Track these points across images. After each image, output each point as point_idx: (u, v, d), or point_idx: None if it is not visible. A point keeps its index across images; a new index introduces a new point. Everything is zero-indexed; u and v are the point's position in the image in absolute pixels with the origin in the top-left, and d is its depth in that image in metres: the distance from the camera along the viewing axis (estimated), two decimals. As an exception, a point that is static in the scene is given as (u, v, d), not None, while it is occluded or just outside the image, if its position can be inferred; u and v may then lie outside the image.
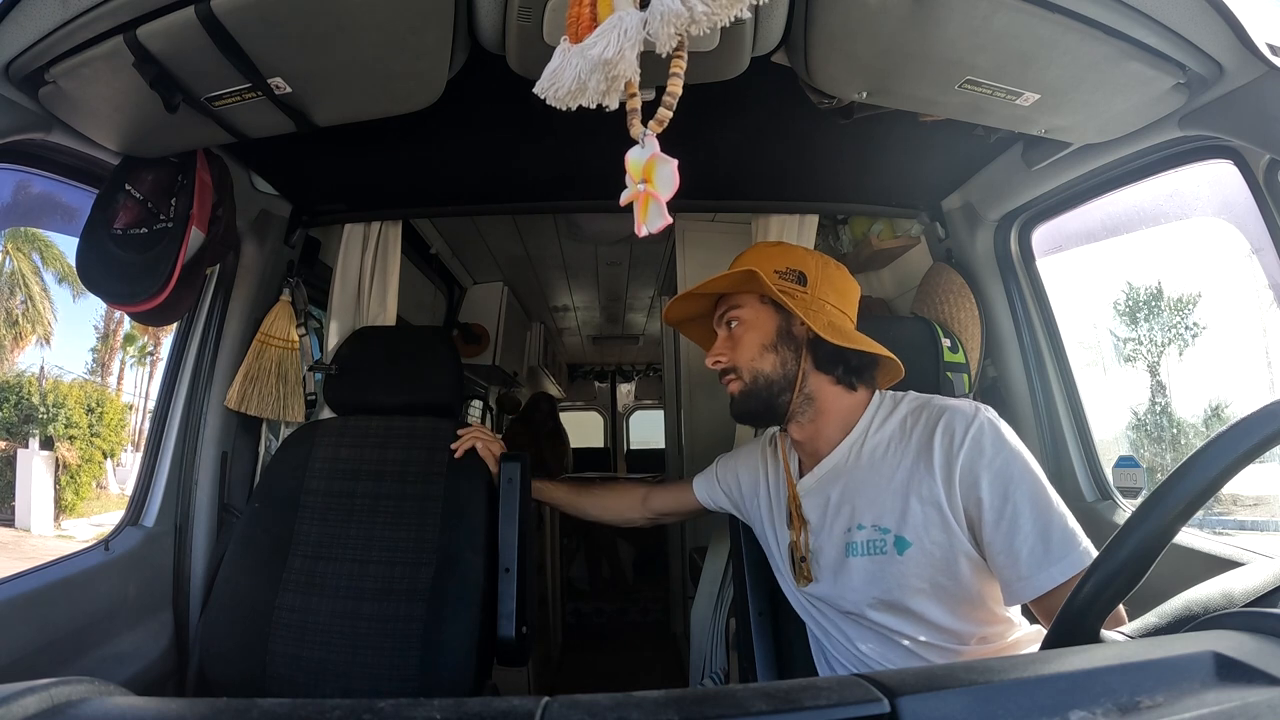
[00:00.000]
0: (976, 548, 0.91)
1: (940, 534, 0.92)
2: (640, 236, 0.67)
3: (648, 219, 0.65)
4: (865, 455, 1.01)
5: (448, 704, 0.35)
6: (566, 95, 0.67)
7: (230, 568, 1.29)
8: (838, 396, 1.04)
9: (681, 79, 0.65)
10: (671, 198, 0.65)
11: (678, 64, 0.65)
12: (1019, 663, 0.41)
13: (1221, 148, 1.03)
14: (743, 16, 0.63)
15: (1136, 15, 0.84)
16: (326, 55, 0.88)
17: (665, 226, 0.65)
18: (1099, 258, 1.51)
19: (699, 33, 0.63)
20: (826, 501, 1.03)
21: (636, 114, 0.67)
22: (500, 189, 1.61)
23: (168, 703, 0.38)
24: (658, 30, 0.63)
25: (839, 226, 2.04)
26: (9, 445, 4.39)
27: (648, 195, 0.65)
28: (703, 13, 0.61)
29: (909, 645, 0.97)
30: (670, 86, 0.65)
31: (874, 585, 0.96)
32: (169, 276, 1.11)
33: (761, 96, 1.11)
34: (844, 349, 1.00)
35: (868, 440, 1.01)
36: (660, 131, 0.65)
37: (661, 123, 0.65)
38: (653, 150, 0.65)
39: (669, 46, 0.64)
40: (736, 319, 1.06)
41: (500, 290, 3.07)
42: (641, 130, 0.66)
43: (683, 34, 0.63)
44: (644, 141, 0.65)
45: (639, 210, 0.66)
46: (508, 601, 1.25)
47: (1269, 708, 0.34)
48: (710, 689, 0.39)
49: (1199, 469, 0.50)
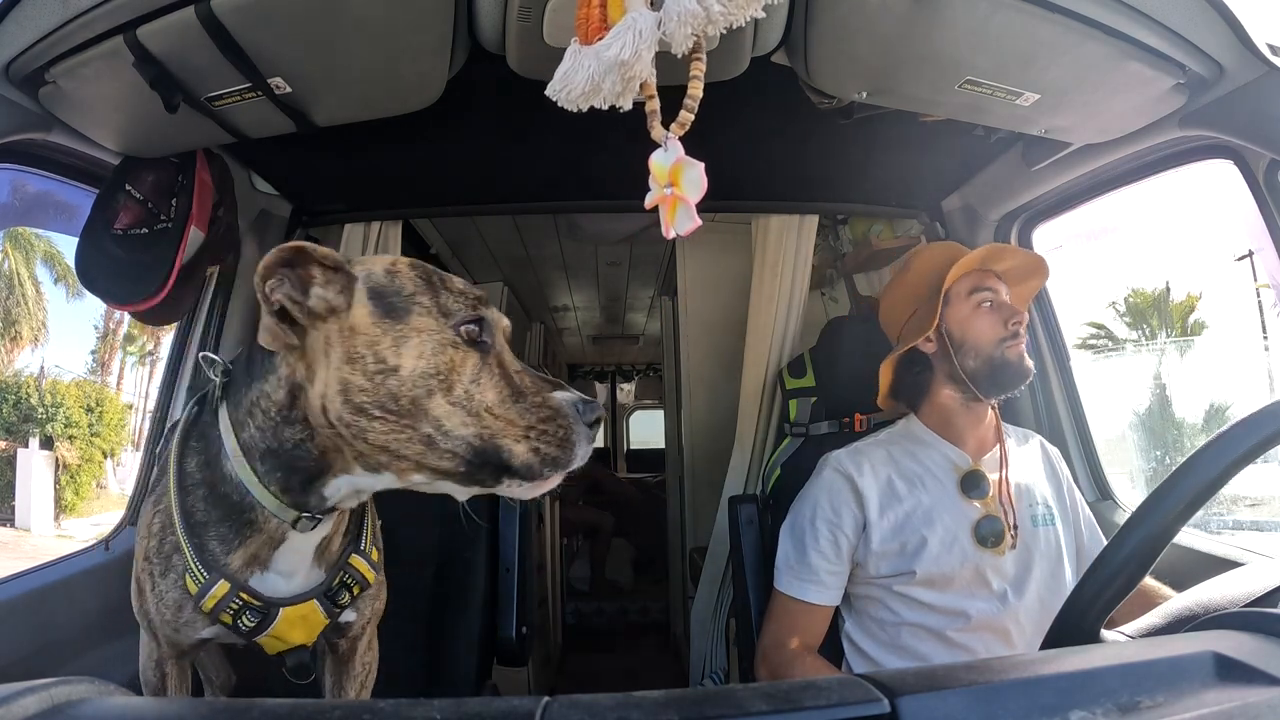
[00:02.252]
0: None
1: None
2: (669, 239, 0.67)
3: (676, 222, 0.65)
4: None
5: (448, 704, 0.35)
6: (579, 96, 0.66)
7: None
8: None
9: (702, 81, 0.65)
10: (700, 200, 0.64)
11: (697, 66, 0.65)
12: (1019, 663, 0.41)
13: (1221, 148, 1.03)
14: (758, 15, 0.63)
15: (1136, 15, 0.84)
16: (326, 55, 0.88)
17: (695, 229, 0.65)
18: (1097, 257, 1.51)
19: (715, 33, 0.63)
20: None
21: (656, 116, 0.66)
22: (500, 189, 1.61)
23: (168, 703, 0.38)
24: (674, 31, 0.62)
25: (839, 226, 2.04)
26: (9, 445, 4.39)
27: (675, 199, 0.64)
28: (719, 13, 0.60)
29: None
30: (691, 89, 0.64)
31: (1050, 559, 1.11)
32: (168, 276, 1.11)
33: (761, 96, 1.11)
34: None
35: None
36: (681, 134, 0.65)
37: (684, 125, 0.64)
38: (677, 154, 0.64)
39: (685, 47, 0.63)
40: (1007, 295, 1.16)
41: (500, 290, 3.07)
42: (663, 134, 0.65)
43: (699, 34, 0.63)
44: (667, 145, 0.65)
45: (666, 213, 0.65)
46: (508, 601, 1.25)
47: (1269, 708, 0.34)
48: (710, 689, 0.39)
49: (1199, 469, 0.50)
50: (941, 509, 1.11)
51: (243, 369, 0.70)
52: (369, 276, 0.65)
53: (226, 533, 0.71)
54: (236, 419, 0.69)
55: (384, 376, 0.61)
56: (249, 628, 0.74)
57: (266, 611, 0.74)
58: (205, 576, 0.71)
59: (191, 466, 0.73)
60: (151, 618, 0.76)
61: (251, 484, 0.68)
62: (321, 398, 0.64)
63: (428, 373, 0.61)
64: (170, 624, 0.75)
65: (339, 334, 0.63)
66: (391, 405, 0.61)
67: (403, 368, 0.61)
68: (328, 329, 0.63)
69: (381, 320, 0.63)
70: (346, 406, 0.62)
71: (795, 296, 1.70)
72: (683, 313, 2.27)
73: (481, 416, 0.62)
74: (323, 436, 0.66)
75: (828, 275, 2.20)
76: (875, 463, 1.16)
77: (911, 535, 1.10)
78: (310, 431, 0.66)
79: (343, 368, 0.62)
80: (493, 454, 0.62)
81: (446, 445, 0.62)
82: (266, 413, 0.67)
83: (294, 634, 0.78)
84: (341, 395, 0.62)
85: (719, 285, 2.19)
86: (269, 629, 0.75)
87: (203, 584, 0.71)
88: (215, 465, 0.70)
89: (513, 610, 1.25)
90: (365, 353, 0.62)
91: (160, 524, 0.74)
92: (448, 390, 0.62)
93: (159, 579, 0.74)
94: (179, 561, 0.72)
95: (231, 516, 0.71)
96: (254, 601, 0.73)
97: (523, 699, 0.35)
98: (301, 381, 0.65)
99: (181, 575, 0.72)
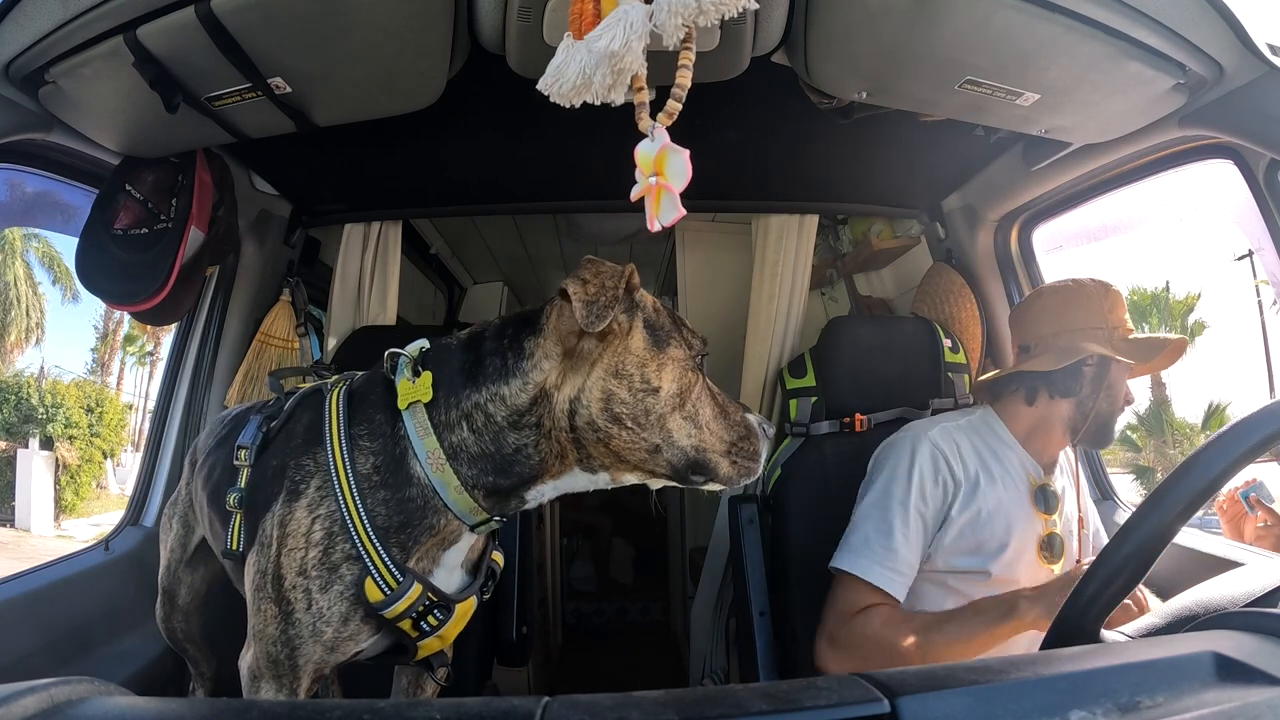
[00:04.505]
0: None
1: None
2: (653, 231, 0.66)
3: (660, 212, 0.64)
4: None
5: (448, 704, 0.35)
6: (571, 91, 0.66)
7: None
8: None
9: (690, 71, 0.64)
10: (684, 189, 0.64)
11: (686, 56, 0.64)
12: (1019, 663, 0.41)
13: (1221, 148, 1.03)
14: (750, 6, 0.63)
15: (1136, 15, 0.83)
16: (327, 55, 0.88)
17: (679, 219, 0.64)
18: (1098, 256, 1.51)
19: (707, 24, 0.63)
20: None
21: (645, 108, 0.66)
22: (500, 189, 1.61)
23: (168, 703, 0.38)
24: (664, 22, 0.62)
25: (839, 226, 2.04)
26: (9, 445, 4.39)
27: (660, 188, 0.63)
28: (711, 3, 0.60)
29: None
30: (679, 79, 0.64)
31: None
32: (168, 276, 1.11)
33: (761, 96, 1.11)
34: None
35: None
36: (669, 125, 0.64)
37: (671, 115, 0.64)
38: (663, 142, 0.64)
39: (676, 38, 0.63)
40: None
41: (500, 290, 3.06)
42: (650, 124, 0.64)
43: (690, 25, 0.63)
44: (653, 135, 0.64)
45: (651, 204, 0.64)
46: (508, 601, 1.25)
47: (1269, 708, 0.34)
48: (710, 689, 0.39)
49: (1199, 469, 0.50)
50: (1017, 515, 1.09)
51: (459, 371, 0.73)
52: (644, 307, 0.74)
53: (406, 538, 0.72)
54: (445, 421, 0.72)
55: (645, 394, 0.71)
56: (433, 627, 0.75)
57: (450, 608, 0.76)
58: (399, 581, 0.71)
59: (366, 468, 0.72)
60: (300, 642, 0.71)
61: (448, 487, 0.71)
62: (571, 402, 0.70)
63: (675, 394, 0.72)
64: (328, 643, 0.72)
65: (611, 351, 0.71)
66: (643, 419, 0.71)
67: (663, 389, 0.71)
68: (607, 344, 0.71)
69: (650, 347, 0.72)
70: (604, 415, 0.70)
71: (795, 296, 1.70)
72: (683, 313, 2.25)
73: (702, 430, 0.73)
74: (552, 441, 0.72)
75: (828, 275, 2.19)
76: (965, 452, 1.12)
77: (991, 535, 1.08)
78: (537, 438, 0.71)
79: (609, 380, 0.70)
80: (702, 464, 0.73)
81: (668, 454, 0.72)
82: (492, 416, 0.71)
83: (453, 631, 0.80)
84: (602, 404, 0.70)
85: (719, 285, 2.18)
86: (445, 626, 0.77)
87: (395, 590, 0.70)
88: (400, 467, 0.72)
89: (513, 610, 1.25)
90: (634, 372, 0.71)
91: (324, 531, 0.70)
92: (682, 406, 0.72)
93: (318, 595, 0.70)
94: (352, 571, 0.70)
95: (414, 520, 0.72)
96: (439, 600, 0.75)
97: (523, 699, 0.35)
98: (550, 390, 0.71)
99: (352, 586, 0.70)
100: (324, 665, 0.74)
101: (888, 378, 1.45)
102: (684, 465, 0.73)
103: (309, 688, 0.75)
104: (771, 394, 1.70)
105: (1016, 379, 1.17)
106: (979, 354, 1.56)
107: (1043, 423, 1.15)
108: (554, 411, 0.71)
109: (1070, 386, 1.13)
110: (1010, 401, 1.18)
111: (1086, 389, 1.12)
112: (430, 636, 0.76)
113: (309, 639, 0.71)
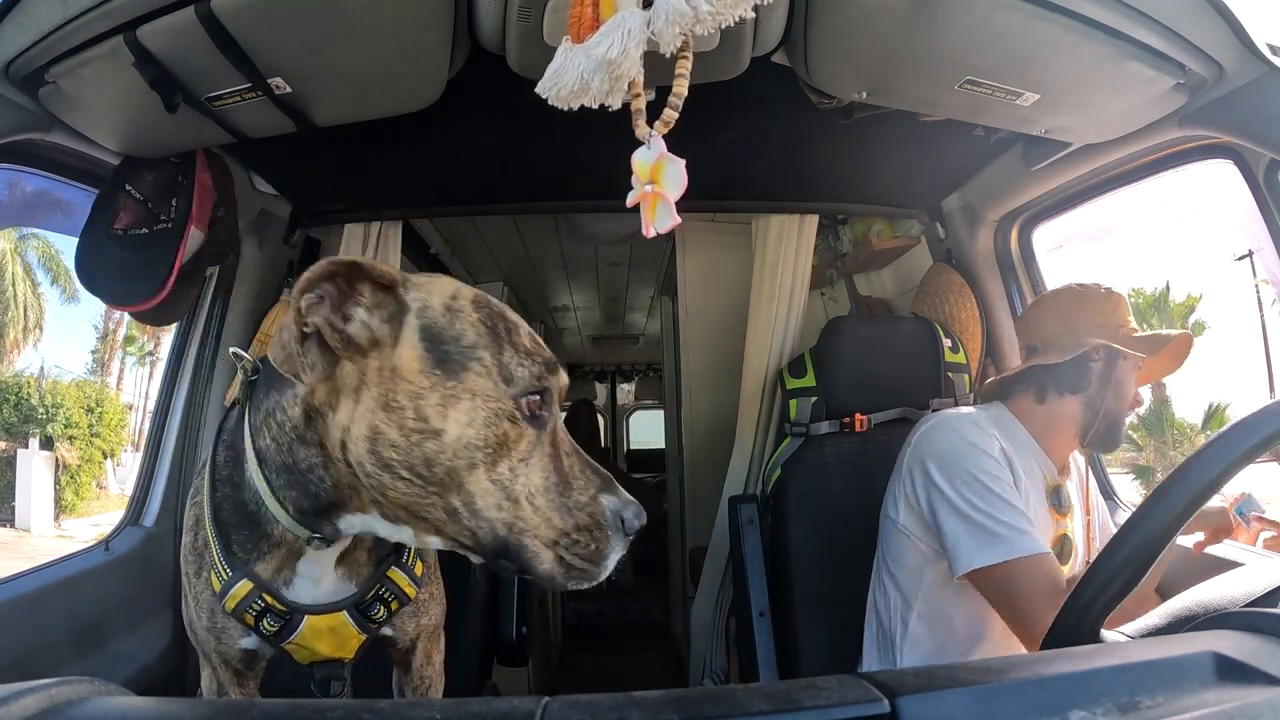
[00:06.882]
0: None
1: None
2: (648, 238, 0.67)
3: (655, 220, 0.65)
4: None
5: (448, 704, 0.35)
6: (569, 95, 0.66)
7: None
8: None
9: (687, 79, 0.65)
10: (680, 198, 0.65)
11: (683, 65, 0.65)
12: (1019, 663, 0.41)
13: (1221, 148, 1.03)
14: (746, 16, 0.63)
15: (1136, 15, 0.84)
16: (326, 55, 0.88)
17: (674, 227, 0.65)
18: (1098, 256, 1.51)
19: (703, 32, 0.63)
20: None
21: (641, 114, 0.66)
22: (500, 189, 1.61)
23: (168, 703, 0.38)
24: (662, 30, 0.62)
25: (839, 226, 2.04)
26: (9, 446, 4.39)
27: (655, 196, 0.64)
28: (708, 12, 0.61)
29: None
30: (676, 87, 0.64)
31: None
32: (168, 276, 1.11)
33: (761, 96, 1.11)
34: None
35: None
36: (666, 133, 0.65)
37: (667, 124, 0.65)
38: (660, 150, 0.64)
39: (673, 46, 0.64)
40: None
41: (500, 290, 3.06)
42: (647, 131, 0.65)
43: (687, 34, 0.63)
44: (650, 142, 0.65)
45: (646, 211, 0.65)
46: (508, 602, 1.25)
47: (1269, 708, 0.34)
48: (710, 689, 0.39)
49: (1199, 469, 0.50)
50: (1037, 514, 1.07)
51: (267, 372, 0.64)
52: (424, 310, 0.57)
53: (246, 539, 0.68)
54: (254, 424, 0.64)
55: (422, 438, 0.54)
56: (270, 633, 0.70)
57: (289, 617, 0.70)
58: (229, 574, 0.68)
59: (221, 461, 0.70)
60: (195, 625, 0.74)
61: (265, 494, 0.64)
62: (343, 432, 0.56)
63: (474, 444, 0.54)
64: (209, 630, 0.72)
65: (377, 373, 0.55)
66: (423, 470, 0.54)
67: (446, 433, 0.54)
68: (365, 363, 0.56)
69: (432, 371, 0.54)
70: (371, 457, 0.55)
71: (795, 296, 1.70)
72: (683, 313, 2.27)
73: (519, 504, 0.56)
74: (339, 471, 0.59)
75: (828, 275, 2.20)
76: (1002, 441, 1.10)
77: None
78: (325, 459, 0.60)
79: (376, 413, 0.55)
80: (515, 552, 0.56)
81: (470, 524, 0.56)
82: (281, 426, 0.61)
83: (320, 645, 0.74)
84: (368, 443, 0.55)
85: (719, 285, 2.18)
86: (293, 636, 0.71)
87: (225, 581, 0.68)
88: (238, 467, 0.67)
89: (512, 611, 1.25)
90: (406, 404, 0.54)
91: (194, 519, 0.73)
92: (491, 466, 0.55)
93: (194, 578, 0.72)
94: (209, 559, 0.70)
95: (249, 524, 0.68)
96: (276, 605, 0.69)
97: (523, 699, 0.35)
98: (321, 408, 0.58)
99: (210, 573, 0.70)
100: (226, 656, 0.74)
101: (888, 378, 1.45)
102: (495, 547, 0.57)
103: (235, 680, 0.76)
104: (771, 394, 1.70)
105: (1025, 378, 1.17)
106: (979, 354, 1.56)
107: (1054, 422, 1.15)
108: (330, 437, 0.58)
109: (1078, 382, 1.13)
110: (1021, 400, 1.18)
111: (1095, 385, 1.12)
112: (287, 642, 0.72)
113: (197, 624, 0.73)
